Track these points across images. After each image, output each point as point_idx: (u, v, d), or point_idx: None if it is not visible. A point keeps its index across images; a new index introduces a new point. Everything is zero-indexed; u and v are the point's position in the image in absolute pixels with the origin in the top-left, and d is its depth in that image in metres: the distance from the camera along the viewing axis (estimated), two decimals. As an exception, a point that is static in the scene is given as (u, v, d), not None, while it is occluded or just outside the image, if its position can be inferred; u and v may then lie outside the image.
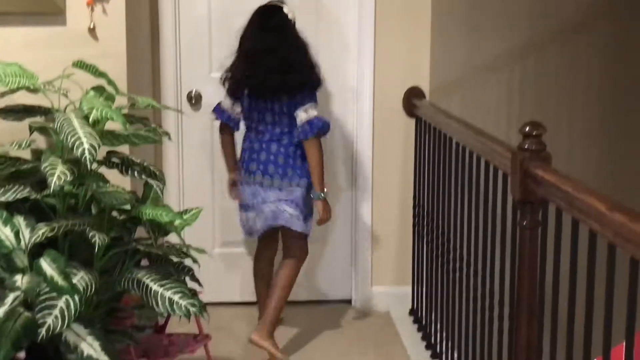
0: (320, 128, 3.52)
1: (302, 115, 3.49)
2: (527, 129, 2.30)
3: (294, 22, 3.59)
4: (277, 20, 3.57)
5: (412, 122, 3.97)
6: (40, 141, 2.73)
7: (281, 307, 3.67)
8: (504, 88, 4.42)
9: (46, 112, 2.59)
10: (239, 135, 3.71)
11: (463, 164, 3.09)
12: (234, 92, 3.58)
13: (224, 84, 3.62)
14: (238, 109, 3.62)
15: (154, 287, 2.47)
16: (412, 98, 3.94)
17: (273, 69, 3.47)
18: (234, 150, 3.74)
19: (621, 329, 1.79)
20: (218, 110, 3.65)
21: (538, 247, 2.32)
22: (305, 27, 3.94)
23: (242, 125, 3.67)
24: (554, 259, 2.19)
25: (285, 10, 3.57)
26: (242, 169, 3.63)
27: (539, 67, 4.60)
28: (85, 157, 2.27)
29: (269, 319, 3.60)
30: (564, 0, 4.68)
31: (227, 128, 3.68)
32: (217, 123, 3.73)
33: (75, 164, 2.40)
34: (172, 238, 3.02)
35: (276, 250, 3.82)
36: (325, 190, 3.59)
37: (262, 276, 3.80)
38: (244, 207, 3.66)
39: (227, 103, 3.62)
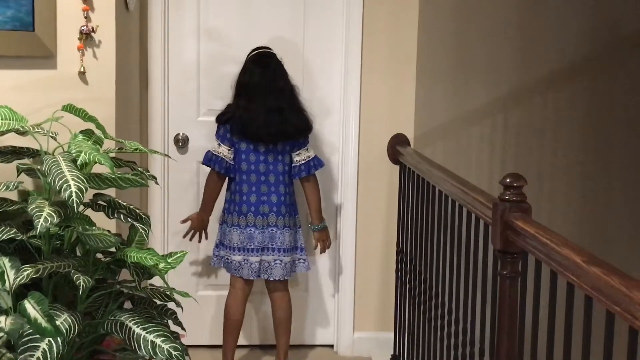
0: (320, 165, 3.79)
1: (304, 154, 3.72)
2: (508, 180, 2.32)
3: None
4: (275, 63, 3.70)
5: (397, 168, 3.99)
6: (28, 183, 2.73)
7: (289, 342, 3.88)
8: (486, 138, 4.46)
9: (34, 154, 2.60)
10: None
11: (446, 213, 3.10)
12: (243, 134, 3.62)
13: (226, 123, 3.64)
14: (231, 154, 3.65)
15: (137, 330, 2.46)
16: (396, 145, 3.96)
17: (287, 110, 3.59)
18: (217, 195, 3.78)
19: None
20: (214, 160, 3.66)
21: (518, 297, 2.34)
22: (292, 75, 3.99)
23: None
24: (533, 309, 2.21)
25: (278, 56, 3.71)
26: (242, 213, 3.66)
27: (521, 118, 4.65)
28: (73, 200, 2.27)
29: (287, 356, 3.87)
30: (546, 55, 4.75)
31: (222, 177, 3.71)
32: (205, 167, 3.75)
33: (62, 206, 2.40)
34: (157, 281, 3.02)
35: (250, 292, 3.85)
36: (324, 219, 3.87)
37: (238, 319, 3.81)
38: (248, 250, 3.67)
39: (222, 150, 3.65)
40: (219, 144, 3.66)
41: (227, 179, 3.74)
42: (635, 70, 5.40)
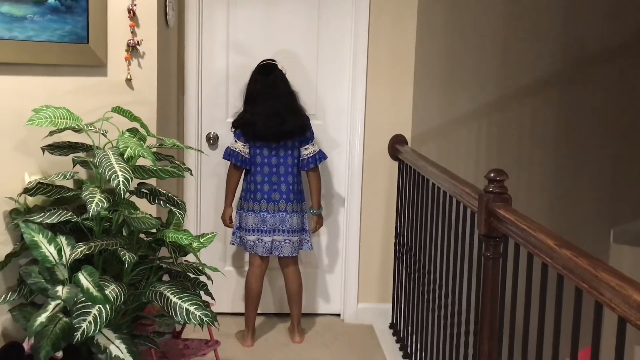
0: (323, 158, 3.82)
1: (310, 149, 3.76)
2: (492, 174, 2.32)
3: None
4: (277, 71, 3.72)
5: (396, 164, 3.99)
6: (82, 173, 2.74)
7: (301, 310, 3.96)
8: (473, 138, 4.45)
9: (88, 148, 2.60)
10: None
11: (438, 202, 3.10)
12: (252, 136, 3.66)
13: (237, 127, 3.67)
14: (247, 149, 3.66)
15: (174, 299, 2.47)
16: (396, 144, 3.96)
17: (283, 113, 3.60)
18: (236, 185, 3.79)
19: (567, 345, 1.80)
20: (232, 154, 3.69)
21: (499, 275, 2.34)
22: (307, 81, 3.99)
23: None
24: (512, 285, 2.21)
25: (279, 66, 3.73)
26: (257, 200, 3.68)
27: (503, 122, 4.64)
28: (120, 188, 2.29)
29: (300, 323, 3.94)
30: (523, 68, 4.74)
31: (239, 168, 3.72)
32: (229, 163, 3.77)
33: (111, 193, 2.41)
34: (190, 257, 3.03)
35: (267, 268, 3.88)
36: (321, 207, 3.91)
37: (257, 292, 3.83)
38: (261, 231, 3.71)
39: (238, 146, 3.67)
40: (236, 141, 3.69)
41: (244, 171, 3.75)
42: (599, 81, 5.38)
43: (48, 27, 2.60)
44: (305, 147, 3.74)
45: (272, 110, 3.61)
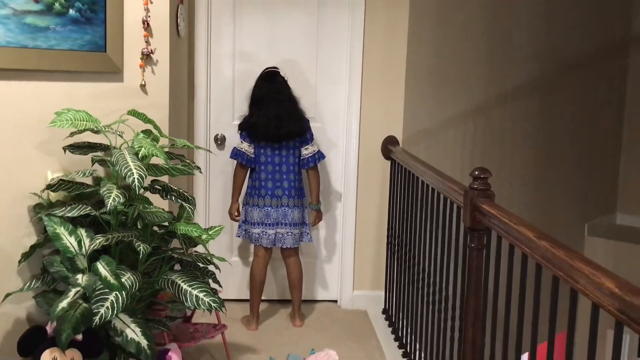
0: (322, 157, 3.81)
1: (310, 149, 3.75)
2: (476, 172, 2.33)
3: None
4: (280, 78, 3.73)
5: (388, 163, 3.99)
6: (100, 171, 2.74)
7: (301, 297, 3.94)
8: (459, 140, 4.45)
9: (105, 148, 2.61)
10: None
11: (426, 198, 3.10)
12: (256, 137, 3.65)
13: (243, 130, 3.67)
14: (252, 149, 3.67)
15: (184, 286, 2.47)
16: (388, 145, 3.96)
17: (284, 116, 3.61)
18: (242, 183, 3.79)
19: (545, 329, 1.80)
20: (238, 154, 3.69)
21: (483, 265, 2.34)
22: (308, 88, 3.99)
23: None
24: (494, 274, 2.21)
25: (282, 73, 3.74)
26: (261, 196, 3.69)
27: (486, 125, 4.65)
28: (135, 184, 2.29)
29: (300, 309, 3.92)
30: (506, 76, 4.76)
31: (245, 167, 3.72)
32: (235, 162, 3.77)
33: (127, 189, 2.41)
34: (200, 248, 3.04)
35: (270, 258, 3.87)
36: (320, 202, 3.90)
37: (261, 280, 3.83)
38: (268, 224, 3.71)
39: (244, 146, 3.67)
40: (242, 142, 3.69)
41: (249, 169, 3.75)
42: (573, 88, 5.40)
43: (69, 37, 2.60)
44: (305, 147, 3.74)
45: (275, 114, 3.61)
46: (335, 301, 4.29)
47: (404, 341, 3.54)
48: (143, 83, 2.88)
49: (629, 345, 5.84)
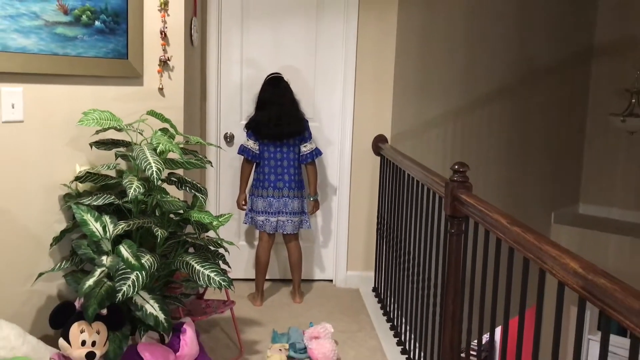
0: (319, 154, 3.77)
1: (309, 146, 3.72)
2: (456, 166, 2.32)
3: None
4: (284, 83, 3.71)
5: (378, 159, 3.99)
6: (123, 164, 2.73)
7: (301, 277, 3.93)
8: (441, 137, 4.45)
9: (127, 144, 2.59)
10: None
11: (412, 189, 3.10)
12: (261, 135, 3.64)
13: (249, 129, 3.66)
14: (257, 146, 3.66)
15: (197, 267, 2.46)
16: (378, 142, 3.95)
17: (285, 118, 3.59)
18: (248, 176, 3.78)
19: (517, 305, 1.80)
20: (245, 150, 3.70)
21: (461, 248, 2.34)
22: (306, 91, 3.97)
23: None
24: (472, 256, 2.21)
25: (285, 78, 3.73)
26: (265, 187, 3.69)
27: (465, 125, 4.64)
28: (153, 177, 2.28)
29: (300, 287, 3.91)
30: (483, 81, 4.74)
31: (250, 162, 3.71)
32: (242, 157, 3.77)
33: (146, 180, 2.40)
34: (211, 234, 3.03)
35: (273, 242, 3.86)
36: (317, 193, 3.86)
37: (265, 262, 3.82)
38: (271, 213, 3.70)
39: (249, 144, 3.67)
40: (248, 139, 3.69)
41: (255, 164, 3.74)
42: (543, 90, 5.40)
43: (95, 45, 2.58)
44: (304, 145, 3.72)
45: (276, 115, 3.60)
46: (331, 281, 4.29)
47: (391, 316, 3.55)
48: (161, 87, 2.86)
49: (589, 320, 5.85)
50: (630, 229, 5.63)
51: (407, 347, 3.14)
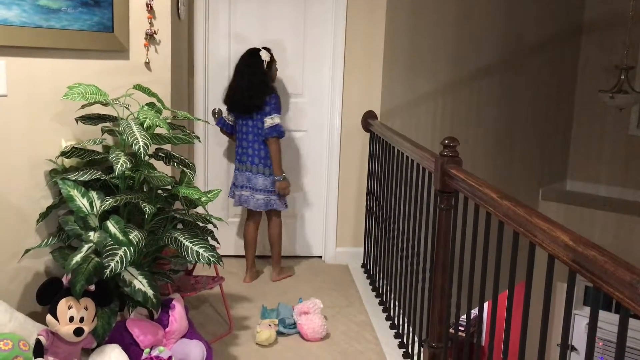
0: (279, 131, 3.56)
1: (269, 121, 3.56)
2: (446, 141, 2.31)
3: (267, 61, 3.61)
4: (251, 57, 3.61)
5: (367, 135, 3.97)
6: (109, 139, 2.69)
7: (280, 253, 3.86)
8: (430, 113, 4.43)
9: (114, 119, 2.55)
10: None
11: (401, 165, 3.09)
12: (228, 107, 3.69)
13: (223, 101, 3.70)
14: (231, 117, 3.71)
15: (186, 242, 2.45)
16: (368, 118, 3.93)
17: (243, 90, 3.55)
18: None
19: (506, 280, 1.80)
20: (220, 120, 3.78)
21: (451, 223, 2.34)
22: (295, 68, 3.93)
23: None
24: (461, 231, 2.21)
25: (261, 52, 3.60)
26: (236, 160, 3.71)
27: (455, 101, 4.63)
28: (140, 152, 2.25)
29: (278, 264, 3.85)
30: (472, 58, 4.72)
31: (223, 130, 3.80)
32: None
33: (133, 156, 2.37)
34: (199, 209, 3.01)
35: (260, 219, 3.83)
36: (283, 173, 3.65)
37: (251, 238, 3.81)
38: (238, 186, 3.71)
39: (224, 113, 3.76)
40: (224, 111, 3.75)
41: (235, 136, 3.75)
42: (532, 69, 5.39)
43: (79, 18, 2.52)
44: (265, 119, 3.56)
45: (239, 87, 3.58)
46: (320, 257, 4.29)
47: (380, 291, 3.56)
48: (147, 61, 2.81)
49: (575, 295, 5.91)
50: (617, 205, 5.67)
51: (396, 322, 3.15)
